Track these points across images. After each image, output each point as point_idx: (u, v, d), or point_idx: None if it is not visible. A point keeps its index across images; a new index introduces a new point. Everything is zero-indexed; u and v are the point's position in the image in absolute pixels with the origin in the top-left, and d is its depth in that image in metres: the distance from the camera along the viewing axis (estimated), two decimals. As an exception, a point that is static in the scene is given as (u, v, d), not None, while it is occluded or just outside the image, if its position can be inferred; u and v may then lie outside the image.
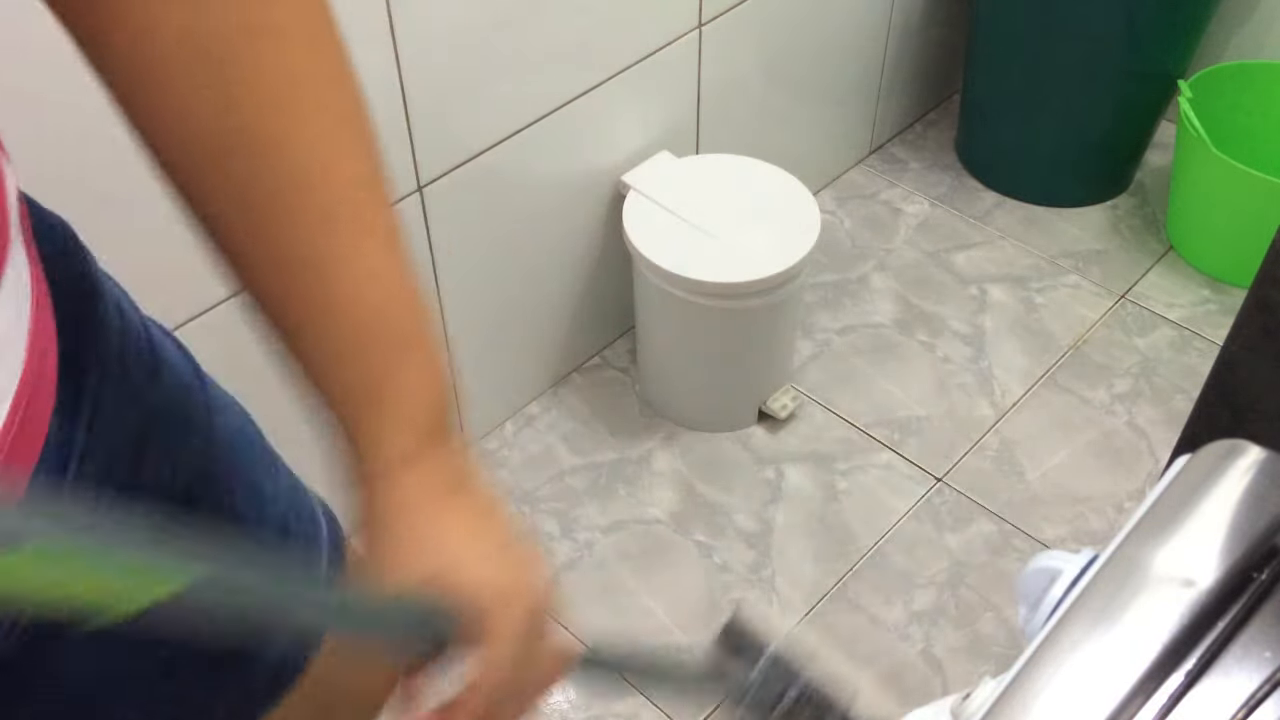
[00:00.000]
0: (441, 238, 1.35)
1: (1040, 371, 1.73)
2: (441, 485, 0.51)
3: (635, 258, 1.48)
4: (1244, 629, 0.47)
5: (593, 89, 1.42)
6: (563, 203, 1.50)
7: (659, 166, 1.56)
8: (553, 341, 1.64)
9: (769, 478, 1.58)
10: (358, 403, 0.50)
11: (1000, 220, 1.97)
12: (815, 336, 1.77)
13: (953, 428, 1.65)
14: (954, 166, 2.07)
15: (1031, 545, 1.51)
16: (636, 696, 1.37)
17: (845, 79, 1.88)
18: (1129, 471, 1.60)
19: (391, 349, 0.50)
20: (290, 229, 0.47)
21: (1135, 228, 1.96)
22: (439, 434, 0.52)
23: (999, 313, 1.81)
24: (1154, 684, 0.46)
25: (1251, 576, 0.48)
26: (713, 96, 1.62)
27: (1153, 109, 1.90)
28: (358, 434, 0.50)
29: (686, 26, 1.49)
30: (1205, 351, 1.74)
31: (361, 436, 0.50)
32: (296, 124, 0.46)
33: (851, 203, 2.00)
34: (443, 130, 1.27)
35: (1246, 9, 1.93)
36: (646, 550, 1.50)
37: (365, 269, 0.49)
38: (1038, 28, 1.79)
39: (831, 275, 1.87)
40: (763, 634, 0.68)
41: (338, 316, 0.49)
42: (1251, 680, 0.46)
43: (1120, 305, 1.83)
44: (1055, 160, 1.97)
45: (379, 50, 1.14)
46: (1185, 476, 0.53)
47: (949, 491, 1.57)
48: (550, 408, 1.67)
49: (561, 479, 1.58)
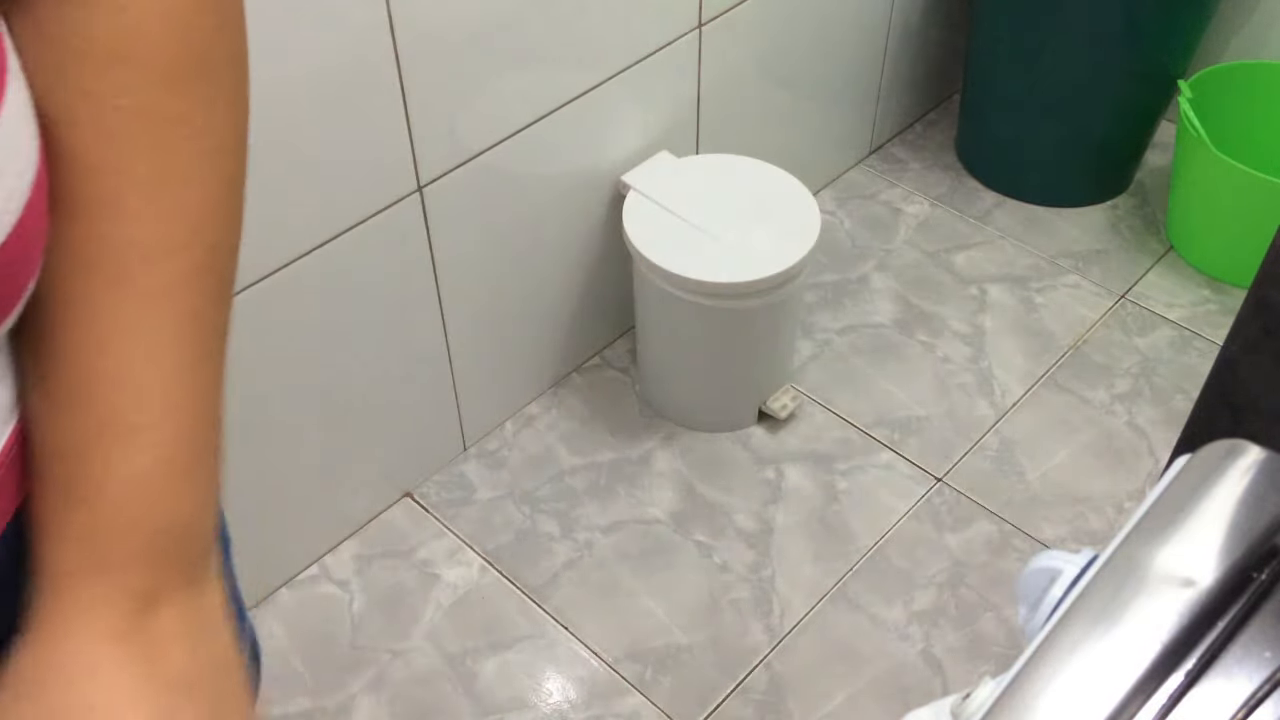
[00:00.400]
0: (441, 238, 1.35)
1: (1040, 371, 1.73)
2: (133, 627, 0.39)
3: (635, 258, 1.48)
4: (1244, 629, 0.47)
5: (593, 89, 1.42)
6: (563, 203, 1.50)
7: (659, 166, 1.56)
8: (553, 341, 1.65)
9: (769, 478, 1.58)
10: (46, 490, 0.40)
11: (1000, 220, 1.97)
12: (815, 336, 1.77)
13: (953, 428, 1.65)
14: (954, 166, 2.07)
15: (1031, 545, 1.51)
16: (636, 696, 1.37)
17: (845, 79, 1.88)
18: (1129, 471, 1.60)
19: (101, 429, 0.39)
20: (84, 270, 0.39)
21: (1135, 228, 1.96)
22: (170, 564, 0.40)
23: (999, 313, 1.81)
24: (1154, 684, 0.46)
25: (1251, 576, 0.48)
26: (713, 96, 1.62)
27: (1153, 109, 1.90)
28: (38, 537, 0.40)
29: (686, 26, 1.49)
30: (1205, 351, 1.74)
31: (55, 533, 0.39)
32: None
33: (851, 203, 2.00)
34: (443, 130, 1.27)
35: (1246, 9, 1.93)
36: (646, 550, 1.50)
37: (144, 349, 0.40)
38: (1038, 28, 1.79)
39: (831, 275, 1.87)
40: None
41: (57, 364, 0.39)
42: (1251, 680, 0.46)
43: (1120, 305, 1.83)
44: (1055, 160, 1.97)
45: (379, 50, 1.14)
46: (1185, 476, 0.53)
47: (949, 491, 1.57)
48: (550, 408, 1.67)
49: (561, 479, 1.58)
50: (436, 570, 1.48)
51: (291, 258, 1.20)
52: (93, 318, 0.39)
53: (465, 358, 1.50)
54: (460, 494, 1.56)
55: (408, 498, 1.56)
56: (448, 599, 1.45)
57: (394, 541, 1.51)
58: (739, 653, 1.41)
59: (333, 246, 1.23)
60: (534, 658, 1.40)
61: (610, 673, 1.39)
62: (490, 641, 1.42)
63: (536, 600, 1.45)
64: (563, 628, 1.43)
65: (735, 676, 1.39)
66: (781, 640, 1.42)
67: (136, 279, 0.40)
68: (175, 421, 0.41)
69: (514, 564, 1.49)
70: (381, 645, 1.41)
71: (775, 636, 1.42)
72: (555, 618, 1.44)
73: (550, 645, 1.41)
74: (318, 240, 1.21)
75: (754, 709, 1.36)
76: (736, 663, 1.40)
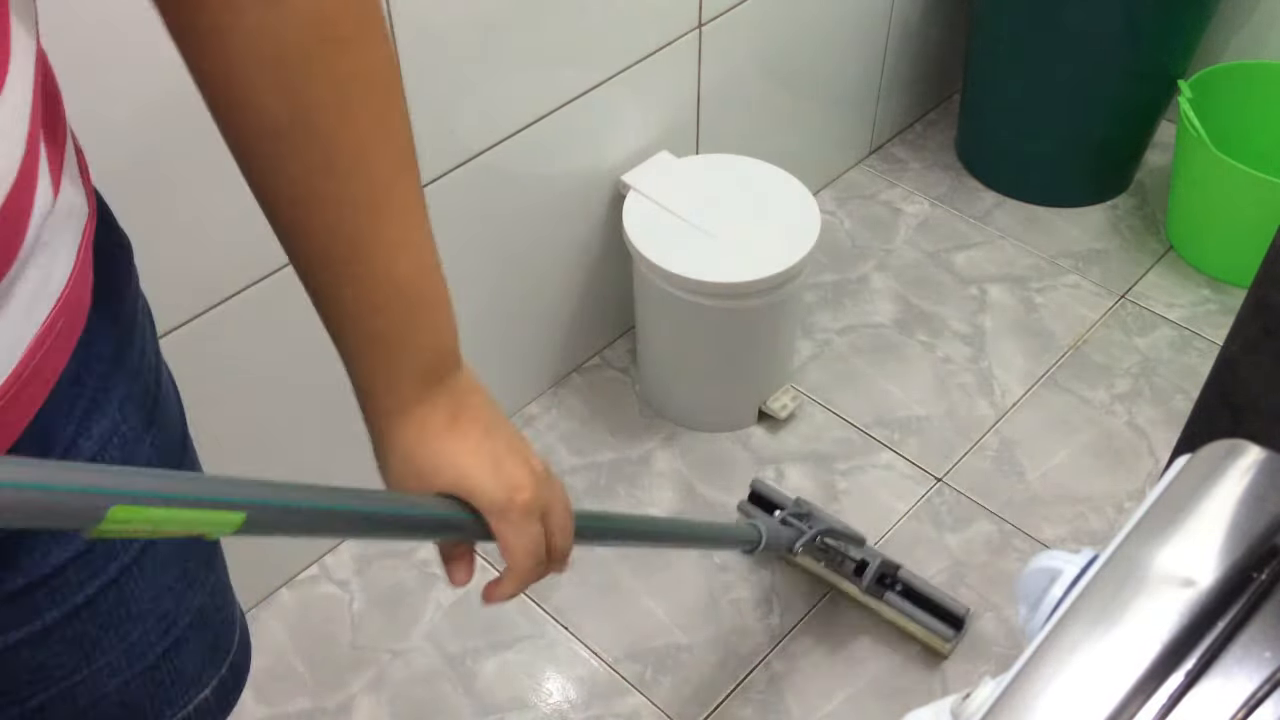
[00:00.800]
0: (441, 238, 1.34)
1: (1040, 371, 1.73)
2: (447, 416, 0.61)
3: (635, 258, 1.48)
4: (1244, 629, 0.47)
5: (593, 89, 1.42)
6: (563, 203, 1.50)
7: (659, 166, 1.56)
8: (553, 341, 1.65)
9: (769, 478, 1.58)
10: (378, 351, 0.59)
11: (1000, 220, 1.97)
12: (815, 336, 1.77)
13: (953, 428, 1.65)
14: (954, 166, 2.07)
15: (1031, 545, 1.51)
16: (636, 696, 1.37)
17: (845, 79, 1.88)
18: (1129, 471, 1.60)
19: (411, 309, 0.59)
20: (337, 208, 0.55)
21: (1135, 228, 1.96)
22: (446, 377, 0.62)
23: (999, 313, 1.81)
24: (1154, 684, 0.46)
25: (1251, 576, 0.48)
26: (712, 96, 1.62)
27: (1153, 109, 1.90)
28: (376, 377, 0.60)
29: (686, 26, 1.49)
30: (1205, 351, 1.74)
31: (380, 380, 0.60)
32: (346, 120, 0.53)
33: (851, 203, 2.00)
34: (443, 130, 1.27)
35: (1246, 9, 1.93)
36: (646, 551, 1.50)
37: (398, 242, 0.58)
38: (1038, 28, 1.79)
39: (831, 275, 1.87)
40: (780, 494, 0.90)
41: (371, 280, 0.57)
42: (1251, 680, 0.46)
43: (1120, 305, 1.83)
44: (1055, 160, 1.97)
45: (379, 50, 1.14)
46: (1185, 476, 0.53)
47: (949, 491, 1.57)
48: (550, 408, 1.67)
49: (561, 479, 1.58)
50: (436, 570, 1.48)
51: (291, 258, 1.20)
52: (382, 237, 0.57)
53: (465, 357, 1.50)
54: (460, 494, 1.56)
55: (408, 498, 1.55)
56: (448, 599, 1.45)
57: (394, 541, 1.51)
58: (739, 653, 1.41)
59: (333, 246, 1.23)
60: (534, 658, 1.40)
61: (610, 673, 1.39)
62: (490, 641, 1.42)
63: (536, 600, 1.45)
64: (563, 628, 1.43)
65: (735, 676, 1.39)
66: (781, 640, 1.42)
67: (399, 197, 0.57)
68: (439, 288, 0.62)
69: (514, 564, 1.49)
70: (381, 645, 1.41)
71: (775, 637, 1.42)
72: (555, 618, 1.44)
73: (550, 645, 1.41)
74: (318, 240, 1.21)
75: (754, 709, 1.36)
76: (736, 663, 1.40)
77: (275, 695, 1.37)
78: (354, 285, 0.58)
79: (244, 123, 0.52)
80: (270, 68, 0.50)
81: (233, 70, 0.50)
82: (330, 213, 0.55)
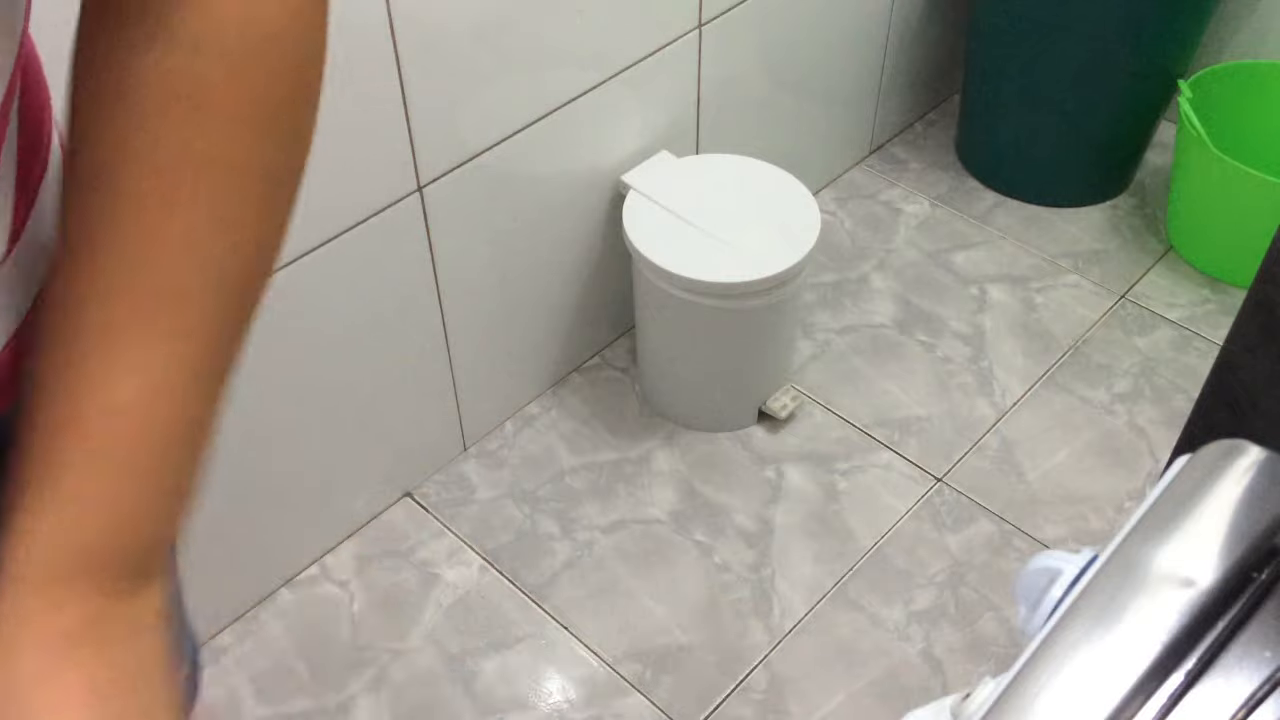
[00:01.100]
0: (441, 238, 1.35)
1: (1040, 371, 1.73)
2: (73, 635, 0.39)
3: (635, 258, 1.48)
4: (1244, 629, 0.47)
5: (593, 89, 1.42)
6: (563, 203, 1.50)
7: (659, 166, 1.56)
8: (553, 341, 1.65)
9: (769, 478, 1.58)
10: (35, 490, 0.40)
11: (1000, 220, 1.97)
12: (815, 336, 1.77)
13: (953, 428, 1.65)
14: (954, 166, 2.07)
15: (1031, 545, 1.51)
16: (636, 696, 1.37)
17: (845, 79, 1.88)
18: (1129, 471, 1.60)
19: (110, 464, 0.41)
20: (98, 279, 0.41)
21: (1135, 228, 1.96)
22: (113, 575, 0.41)
23: (999, 313, 1.81)
24: (1154, 684, 0.46)
25: (1251, 576, 0.48)
26: (713, 96, 1.62)
27: (1153, 109, 1.90)
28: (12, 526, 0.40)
29: (686, 26, 1.49)
30: (1205, 351, 1.74)
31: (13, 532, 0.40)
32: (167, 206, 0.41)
33: (851, 203, 2.00)
34: (443, 130, 1.27)
35: (1246, 9, 1.93)
36: (646, 550, 1.50)
37: (140, 370, 0.41)
38: (1037, 28, 1.79)
39: (831, 275, 1.87)
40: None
41: (78, 396, 0.40)
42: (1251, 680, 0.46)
43: (1120, 305, 1.83)
44: (1055, 160, 1.97)
45: (379, 49, 1.14)
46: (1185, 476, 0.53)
47: (949, 491, 1.57)
48: (550, 408, 1.67)
49: (561, 479, 1.58)
50: (436, 570, 1.48)
51: (292, 257, 1.20)
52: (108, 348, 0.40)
53: (465, 357, 1.50)
54: (460, 494, 1.56)
55: (408, 497, 1.56)
56: (448, 599, 1.45)
57: (394, 541, 1.51)
58: (739, 653, 1.41)
59: (333, 246, 1.23)
60: (534, 658, 1.40)
61: (610, 673, 1.39)
62: (490, 641, 1.42)
63: (536, 600, 1.45)
64: (562, 627, 1.43)
65: (735, 676, 1.39)
66: (781, 640, 1.42)
67: (159, 320, 0.41)
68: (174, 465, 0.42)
69: (514, 564, 1.49)
70: (381, 645, 1.41)
71: (775, 636, 1.42)
72: (555, 617, 1.44)
73: (550, 645, 1.41)
74: (318, 240, 1.21)
75: (754, 709, 1.36)
76: (736, 663, 1.40)
77: (275, 695, 1.37)
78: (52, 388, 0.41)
79: (79, 138, 0.42)
80: (153, 112, 0.40)
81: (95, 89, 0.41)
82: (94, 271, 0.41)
